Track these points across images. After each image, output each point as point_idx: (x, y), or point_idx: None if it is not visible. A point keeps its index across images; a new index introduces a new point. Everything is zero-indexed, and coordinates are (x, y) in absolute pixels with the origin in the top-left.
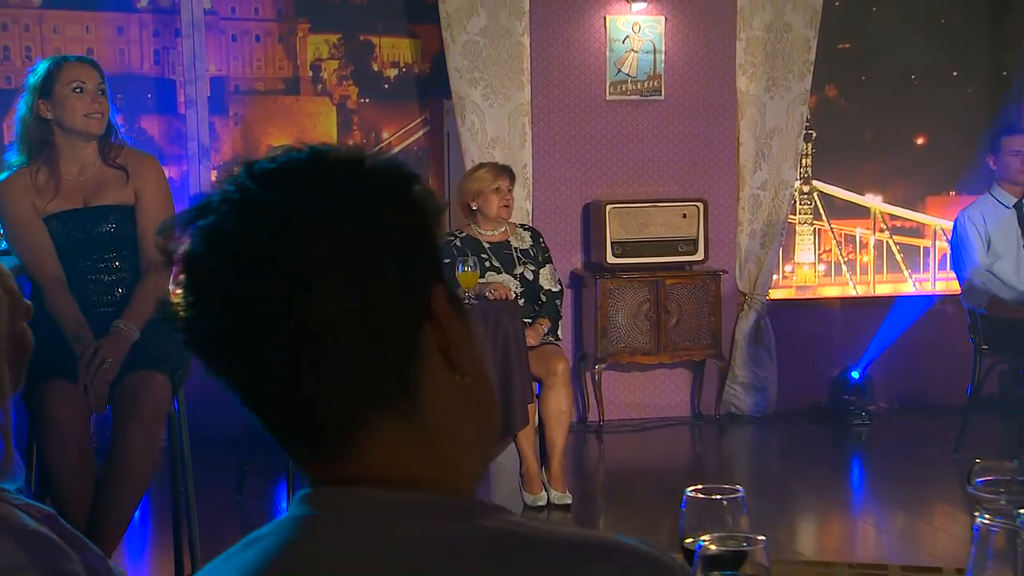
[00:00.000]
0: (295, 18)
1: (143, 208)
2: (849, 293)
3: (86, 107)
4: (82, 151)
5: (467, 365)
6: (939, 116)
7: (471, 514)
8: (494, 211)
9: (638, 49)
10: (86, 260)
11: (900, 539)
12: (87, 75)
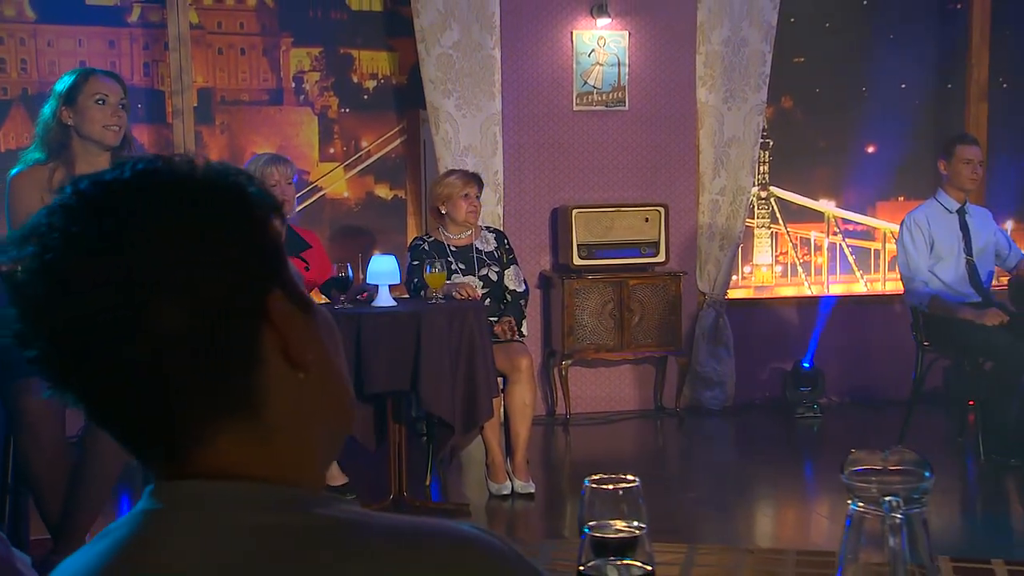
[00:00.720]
0: (278, 32)
1: None
2: (804, 293)
3: (106, 119)
4: (96, 159)
5: (309, 362)
6: (888, 126)
7: (308, 503)
8: (462, 216)
9: (603, 62)
10: None
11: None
12: (110, 89)
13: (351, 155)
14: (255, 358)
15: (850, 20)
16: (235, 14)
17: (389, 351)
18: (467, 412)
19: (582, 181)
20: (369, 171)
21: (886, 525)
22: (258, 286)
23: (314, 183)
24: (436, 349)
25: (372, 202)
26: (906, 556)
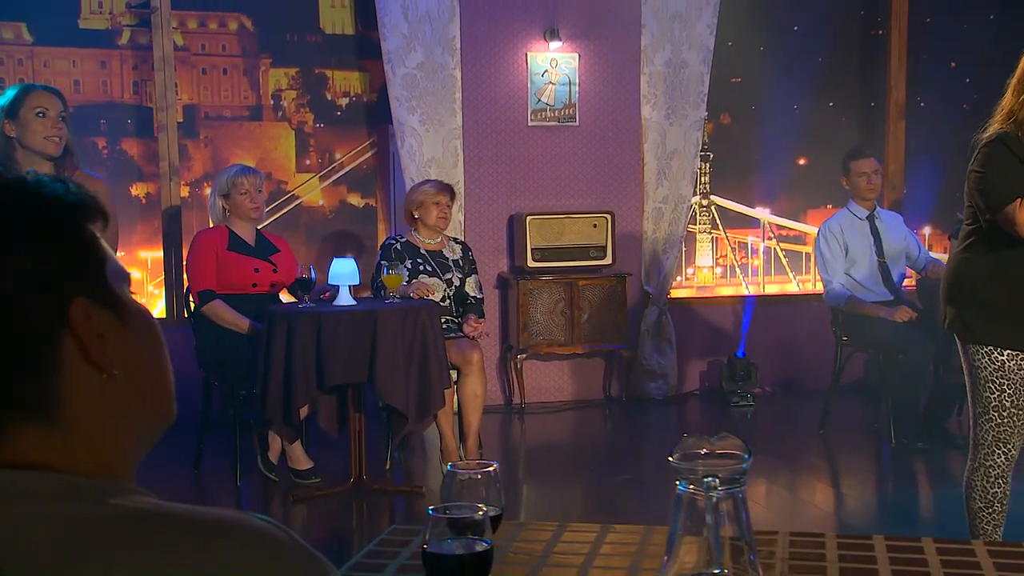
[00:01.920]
0: (258, 54)
1: None
2: (742, 292)
3: (46, 130)
4: (39, 168)
5: (115, 364)
6: (817, 140)
7: (105, 494)
8: (432, 220)
9: (555, 82)
10: None
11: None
12: (50, 103)
13: (325, 166)
14: (52, 362)
15: (782, 44)
16: (218, 37)
17: (347, 346)
18: (421, 402)
19: (536, 190)
20: (342, 181)
21: (707, 503)
22: (56, 295)
23: (291, 192)
24: (390, 345)
25: (345, 209)
26: (732, 531)
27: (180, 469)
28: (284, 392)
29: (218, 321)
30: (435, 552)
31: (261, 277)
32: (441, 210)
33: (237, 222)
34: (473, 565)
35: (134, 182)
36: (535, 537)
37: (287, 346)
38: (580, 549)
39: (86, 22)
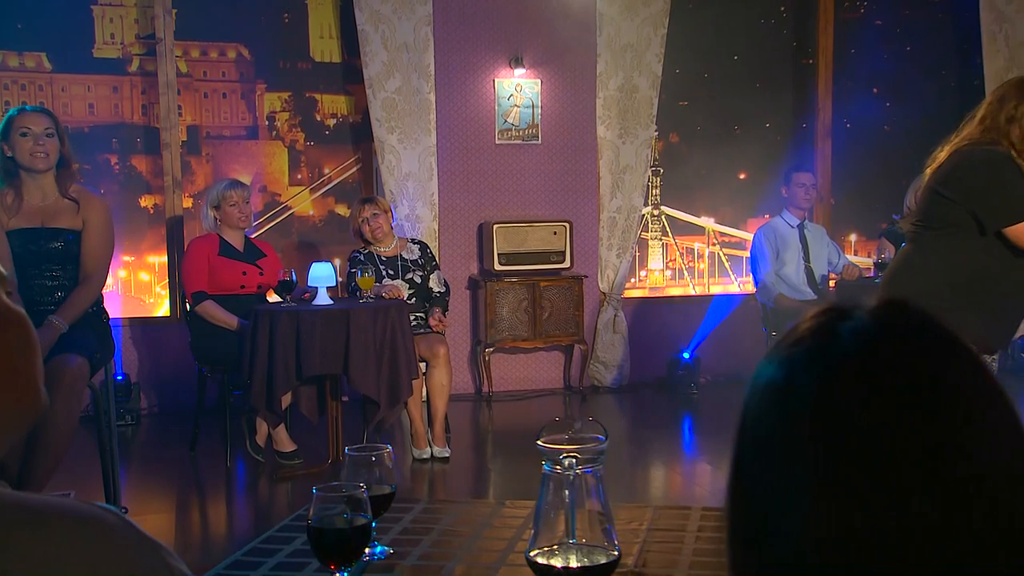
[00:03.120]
0: (254, 79)
1: (87, 234)
2: (689, 292)
3: (31, 148)
4: (40, 182)
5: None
6: (756, 157)
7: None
8: (368, 233)
9: (520, 104)
10: (36, 268)
11: (700, 486)
12: (32, 122)
13: (315, 180)
14: None
15: (724, 71)
16: (218, 64)
17: (323, 341)
18: (391, 391)
19: (502, 202)
20: (330, 193)
21: (566, 481)
22: None
23: (284, 203)
24: (362, 339)
25: (332, 219)
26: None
27: (178, 451)
28: (267, 382)
29: (209, 319)
30: (318, 527)
31: (248, 279)
32: (375, 221)
33: (227, 230)
34: (351, 537)
35: (143, 194)
36: (475, 511)
37: (270, 341)
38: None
39: (100, 52)
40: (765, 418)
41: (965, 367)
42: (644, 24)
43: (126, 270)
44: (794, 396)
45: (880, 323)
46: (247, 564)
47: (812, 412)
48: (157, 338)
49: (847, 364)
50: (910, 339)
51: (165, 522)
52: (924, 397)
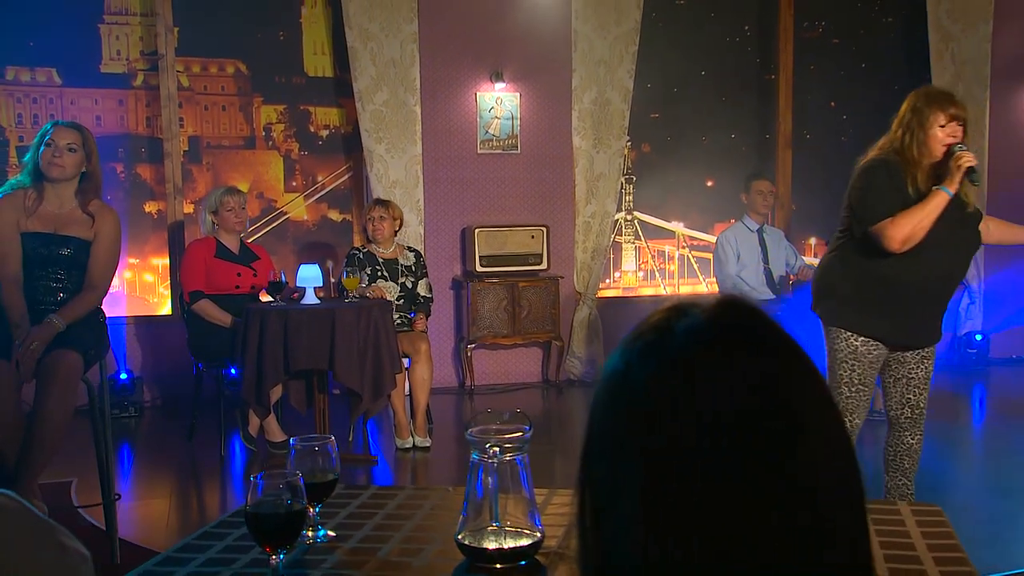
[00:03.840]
0: (251, 93)
1: (97, 246)
2: (660, 292)
3: (49, 157)
4: (59, 190)
5: None
6: (722, 166)
7: None
8: (372, 232)
9: (500, 116)
10: (42, 270)
11: None
12: (58, 135)
13: (309, 187)
14: None
15: (693, 86)
16: (217, 79)
17: (310, 338)
18: (374, 385)
19: (484, 207)
20: (323, 199)
21: (491, 468)
22: None
23: (280, 209)
24: (346, 337)
25: (325, 223)
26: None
27: (176, 440)
28: (257, 376)
29: (206, 317)
30: (254, 512)
31: (243, 280)
32: (380, 223)
33: (224, 234)
34: (287, 522)
35: (147, 200)
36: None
37: (259, 338)
38: None
39: (107, 67)
40: (604, 407)
41: (791, 367)
42: (616, 41)
43: (131, 271)
44: (628, 387)
45: (712, 322)
46: (177, 560)
47: (642, 403)
48: (159, 335)
49: (676, 360)
50: (738, 339)
51: (163, 506)
52: (749, 398)
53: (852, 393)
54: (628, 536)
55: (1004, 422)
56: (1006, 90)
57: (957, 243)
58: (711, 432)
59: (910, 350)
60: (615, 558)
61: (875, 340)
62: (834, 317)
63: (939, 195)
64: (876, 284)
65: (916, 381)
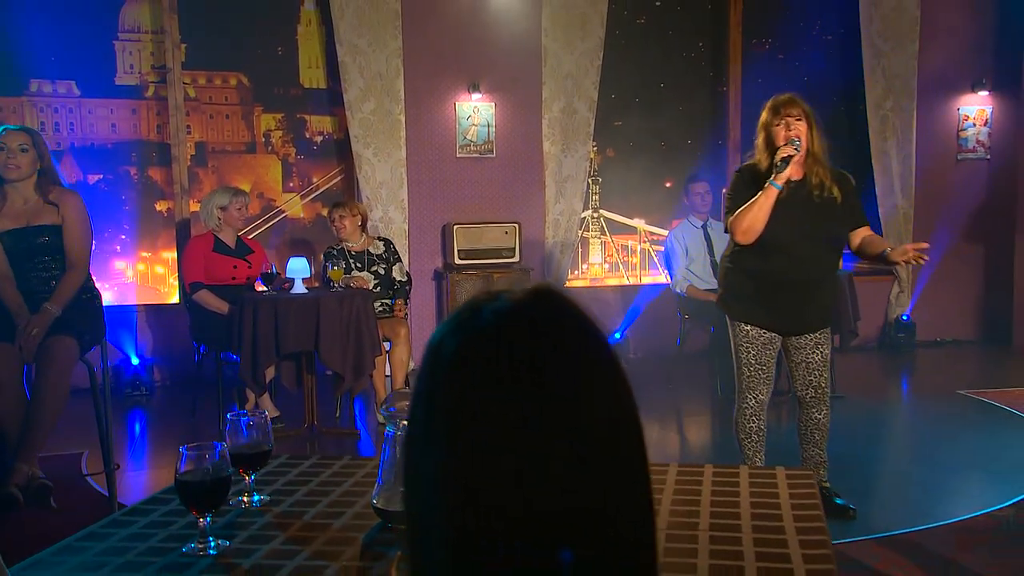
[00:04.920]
0: (252, 103)
1: (66, 228)
2: (624, 282)
3: (4, 160)
4: (20, 188)
5: None
6: (680, 169)
7: None
8: (338, 232)
9: (477, 124)
10: (29, 262)
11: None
12: (9, 138)
13: (305, 188)
14: None
15: (653, 97)
16: (222, 90)
17: (297, 323)
18: (356, 365)
19: (462, 206)
20: (318, 199)
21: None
22: None
23: (279, 207)
24: (330, 322)
25: (320, 221)
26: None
27: (179, 417)
28: (252, 358)
29: (205, 305)
30: (183, 480)
31: (239, 272)
32: (341, 221)
33: (225, 229)
34: (210, 488)
35: (158, 200)
36: (356, 466)
37: (253, 323)
38: None
39: (121, 80)
40: (421, 373)
41: (587, 352)
42: (582, 57)
43: (144, 264)
44: (439, 357)
45: (518, 304)
46: (123, 523)
47: (448, 370)
48: (168, 322)
49: (479, 337)
50: (537, 323)
51: (167, 474)
52: (536, 378)
53: (752, 373)
54: (437, 480)
55: (924, 398)
56: (931, 101)
57: (811, 240)
58: (507, 392)
59: (800, 335)
60: (425, 485)
61: (760, 327)
62: (728, 309)
63: (768, 189)
64: (747, 278)
65: (814, 364)
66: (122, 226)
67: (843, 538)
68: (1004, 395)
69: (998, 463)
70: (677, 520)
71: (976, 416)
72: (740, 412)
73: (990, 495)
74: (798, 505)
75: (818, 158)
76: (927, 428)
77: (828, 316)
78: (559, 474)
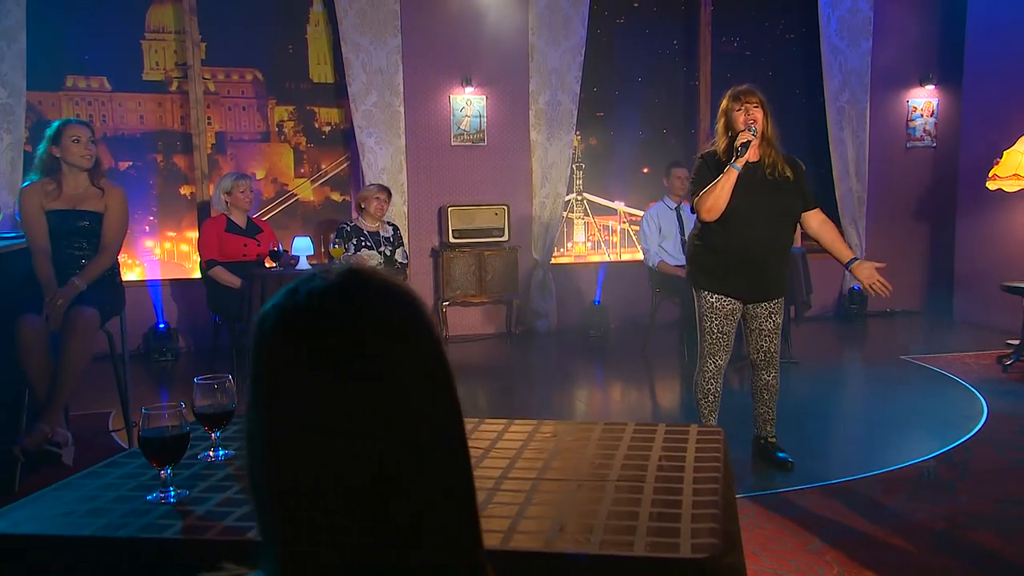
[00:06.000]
0: (267, 96)
1: (108, 216)
2: (605, 259)
3: (80, 151)
4: (78, 176)
5: None
6: (656, 156)
7: None
8: (372, 210)
9: (470, 115)
10: (67, 241)
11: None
12: (81, 133)
13: (314, 173)
14: None
15: (631, 90)
16: (239, 84)
17: None
18: None
19: (456, 190)
20: (326, 184)
21: None
22: None
23: (291, 191)
24: None
25: (328, 203)
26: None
27: None
28: None
29: (219, 280)
30: (146, 436)
31: (249, 250)
32: (380, 204)
33: (234, 211)
34: (171, 443)
35: (182, 185)
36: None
37: (262, 297)
38: (489, 436)
39: (148, 75)
40: (250, 349)
41: (395, 329)
42: (566, 53)
43: (170, 243)
44: (261, 333)
45: (329, 286)
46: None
47: (266, 348)
48: (191, 295)
49: (293, 313)
50: (346, 303)
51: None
52: (346, 351)
53: (713, 340)
54: (257, 442)
55: (869, 363)
56: (882, 94)
57: (767, 215)
58: (319, 364)
59: (759, 304)
60: (252, 447)
61: (725, 296)
62: (694, 281)
63: (729, 171)
64: (711, 252)
65: (766, 331)
66: (150, 208)
67: (785, 487)
68: (941, 360)
69: (928, 420)
70: (591, 471)
71: (914, 379)
72: (700, 375)
73: (917, 449)
74: (701, 459)
75: (771, 143)
76: (869, 389)
77: (783, 285)
78: (367, 439)
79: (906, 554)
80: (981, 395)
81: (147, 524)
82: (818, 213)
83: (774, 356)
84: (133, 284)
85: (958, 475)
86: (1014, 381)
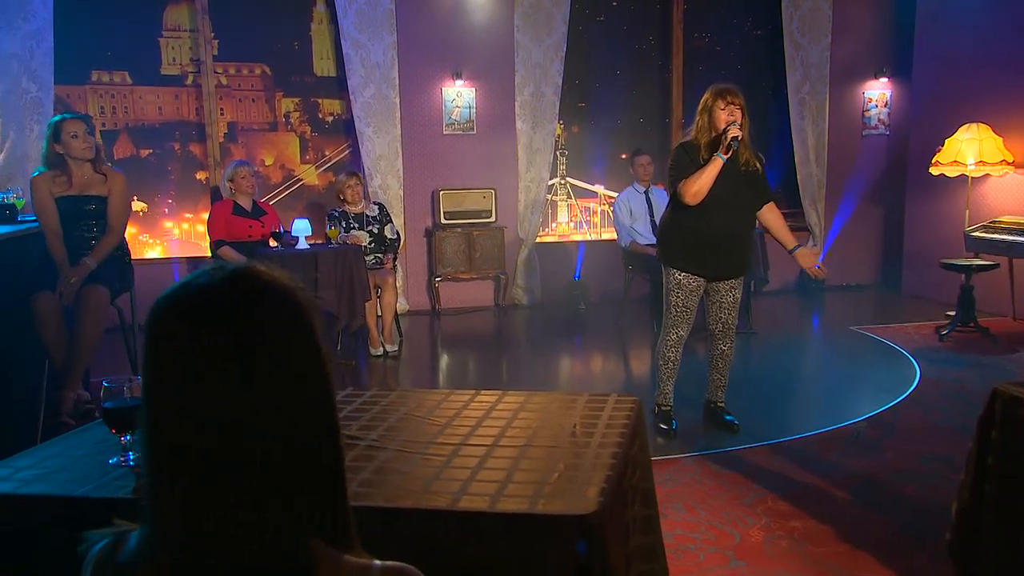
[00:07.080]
0: (275, 88)
1: (111, 199)
2: (586, 238)
3: (81, 145)
4: (83, 165)
5: None
6: (632, 142)
7: None
8: (349, 197)
9: (460, 106)
10: (76, 223)
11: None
12: (77, 128)
13: (319, 160)
14: None
15: (610, 82)
16: (248, 78)
17: (300, 273)
18: (349, 307)
19: (448, 175)
20: (329, 169)
21: None
22: None
23: (297, 176)
24: (326, 272)
25: (331, 187)
26: None
27: None
28: None
29: (227, 260)
30: (107, 408)
31: (254, 231)
32: (353, 190)
33: (240, 196)
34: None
35: (198, 171)
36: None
37: None
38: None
39: (165, 70)
40: (144, 324)
41: (272, 314)
42: (549, 48)
43: (187, 223)
44: (154, 318)
45: (215, 281)
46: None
47: (155, 333)
48: None
49: (182, 303)
50: (226, 296)
51: None
52: (226, 339)
53: (677, 313)
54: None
55: (821, 333)
56: (841, 86)
57: (739, 202)
58: (200, 347)
59: (721, 280)
60: (142, 420)
61: (692, 274)
62: (665, 258)
63: (715, 160)
64: (685, 233)
65: (726, 305)
66: (168, 192)
67: (733, 446)
68: (886, 330)
69: (866, 385)
70: (508, 438)
71: (859, 347)
72: (663, 343)
73: (853, 411)
74: (611, 424)
75: (745, 140)
76: (817, 357)
77: (747, 265)
78: (228, 404)
79: (830, 505)
80: (916, 362)
81: (102, 484)
82: (772, 205)
83: (731, 328)
84: (155, 261)
85: (885, 434)
86: (948, 349)
